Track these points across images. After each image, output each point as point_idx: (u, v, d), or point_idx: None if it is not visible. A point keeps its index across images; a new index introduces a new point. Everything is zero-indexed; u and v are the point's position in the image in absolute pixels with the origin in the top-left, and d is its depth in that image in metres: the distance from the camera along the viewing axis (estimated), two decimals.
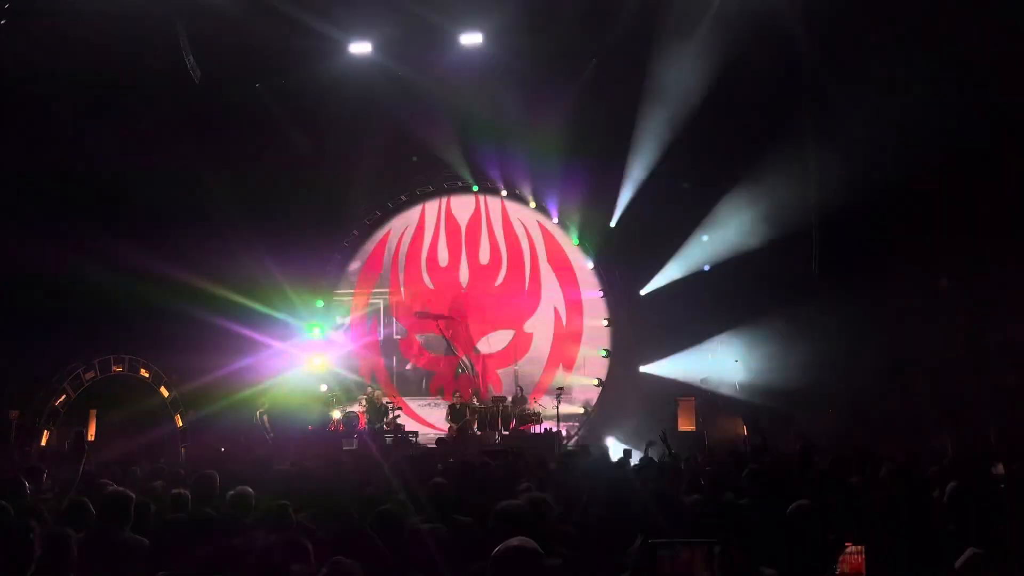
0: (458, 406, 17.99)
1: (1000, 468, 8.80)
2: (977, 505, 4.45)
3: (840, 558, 2.95)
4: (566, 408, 19.03)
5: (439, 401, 20.30)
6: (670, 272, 18.48)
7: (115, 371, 16.71)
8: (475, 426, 18.01)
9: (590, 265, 20.47)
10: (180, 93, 16.47)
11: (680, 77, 16.41)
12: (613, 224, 19.46)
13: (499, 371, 20.35)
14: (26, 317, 14.97)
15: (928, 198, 15.06)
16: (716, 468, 7.80)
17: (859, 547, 2.96)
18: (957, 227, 14.92)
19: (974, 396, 14.13)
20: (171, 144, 16.46)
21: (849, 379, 15.95)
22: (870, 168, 14.86)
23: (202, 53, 16.22)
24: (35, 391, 15.53)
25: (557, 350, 20.54)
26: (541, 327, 20.72)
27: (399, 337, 21.07)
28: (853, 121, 13.92)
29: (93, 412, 16.74)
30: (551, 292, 20.88)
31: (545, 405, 19.09)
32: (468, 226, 21.29)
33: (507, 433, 17.75)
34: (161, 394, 17.51)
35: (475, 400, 18.97)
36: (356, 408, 18.84)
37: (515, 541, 3.09)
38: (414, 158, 19.82)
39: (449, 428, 17.86)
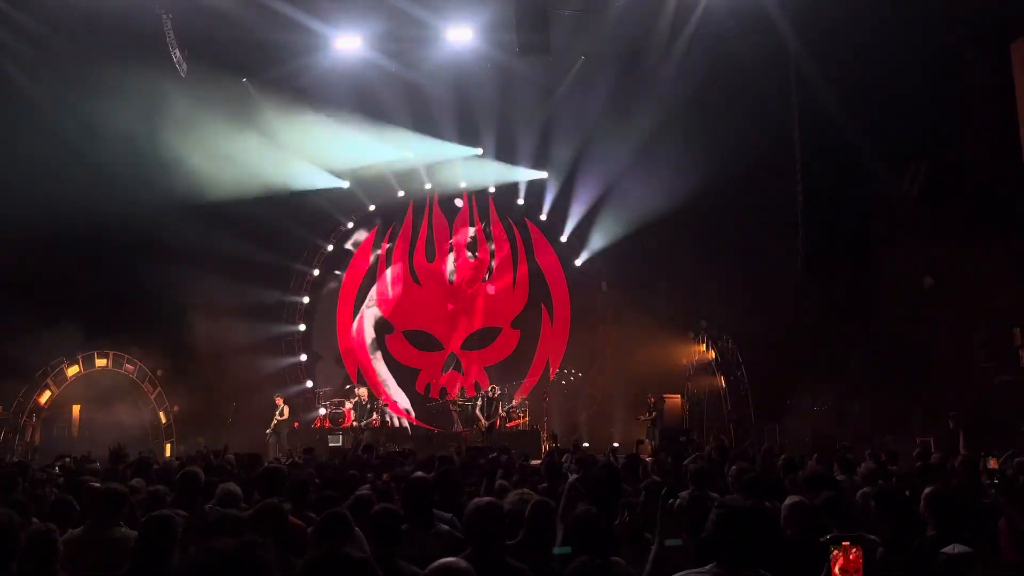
0: (493, 397, 17.88)
1: (992, 463, 8.86)
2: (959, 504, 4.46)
3: (835, 557, 2.93)
4: (552, 405, 19.06)
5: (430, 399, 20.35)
6: (657, 269, 18.53)
7: (99, 366, 16.60)
8: (501, 422, 17.87)
9: (578, 263, 20.49)
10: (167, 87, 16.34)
11: (668, 74, 16.44)
12: (602, 221, 19.52)
13: (485, 368, 20.35)
14: (9, 312, 14.84)
15: (913, 195, 15.14)
16: (700, 465, 7.80)
17: (856, 546, 2.93)
18: (941, 225, 15.02)
19: (959, 394, 14.23)
20: (160, 136, 16.35)
21: (833, 377, 16.05)
22: (855, 165, 14.93)
23: (188, 47, 16.12)
24: (19, 387, 15.40)
25: (544, 347, 20.56)
26: (528, 324, 20.74)
27: (386, 333, 21.01)
28: (840, 117, 13.97)
29: (77, 408, 16.65)
30: (538, 289, 20.89)
31: (531, 402, 19.11)
32: (456, 223, 21.27)
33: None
34: (145, 389, 17.43)
35: (461, 397, 18.95)
36: (344, 405, 18.79)
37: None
38: None
39: (479, 422, 17.71)
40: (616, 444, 15.93)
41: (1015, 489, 6.38)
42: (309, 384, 20.40)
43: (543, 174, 19.87)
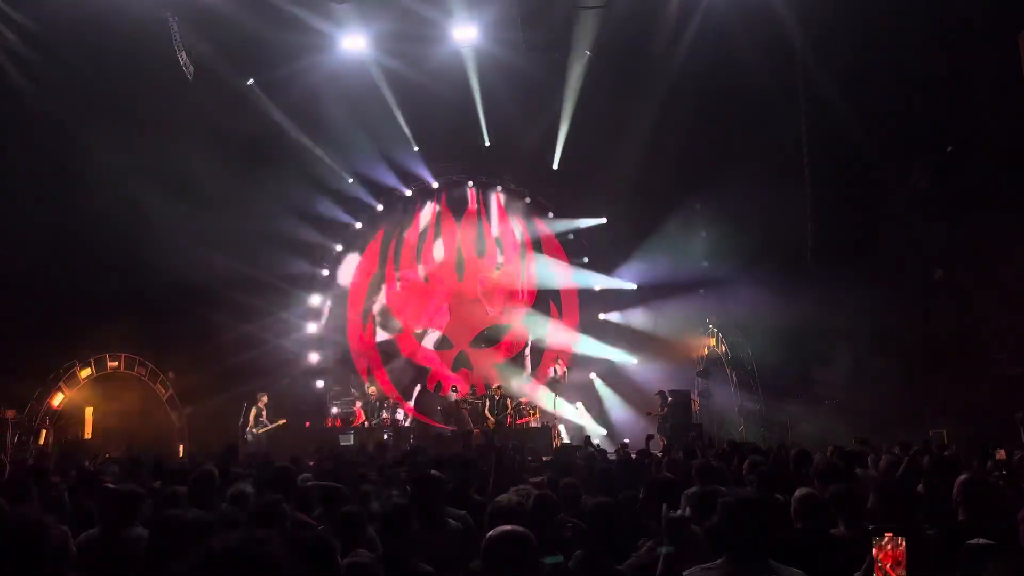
0: (497, 398, 17.90)
1: (1001, 454, 8.86)
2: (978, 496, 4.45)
3: (877, 549, 2.90)
4: (562, 402, 19.06)
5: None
6: (665, 265, 18.49)
7: (111, 368, 16.67)
8: (511, 419, 17.88)
9: (585, 258, 20.47)
10: (173, 88, 16.38)
11: (674, 69, 16.41)
12: (606, 217, 19.51)
13: (495, 365, 20.33)
14: (21, 315, 14.91)
15: (922, 188, 15.10)
16: (704, 460, 7.84)
17: (900, 537, 2.90)
18: (951, 217, 14.97)
19: (971, 386, 14.17)
20: (165, 138, 16.39)
21: (844, 370, 16.00)
22: (864, 158, 14.89)
23: (195, 48, 16.16)
24: (32, 390, 15.47)
25: (553, 343, 20.54)
26: (537, 321, 20.72)
27: (396, 332, 21.04)
28: (848, 110, 13.95)
29: (90, 410, 16.71)
30: (547, 286, 20.87)
31: (541, 399, 19.11)
32: (464, 220, 21.27)
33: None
34: (158, 391, 17.48)
35: (472, 395, 18.96)
36: (355, 404, 18.82)
37: (507, 527, 3.11)
38: None
39: (487, 421, 17.74)
40: (627, 440, 15.92)
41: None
42: (320, 384, 20.43)
43: (552, 170, 19.85)
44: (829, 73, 14.23)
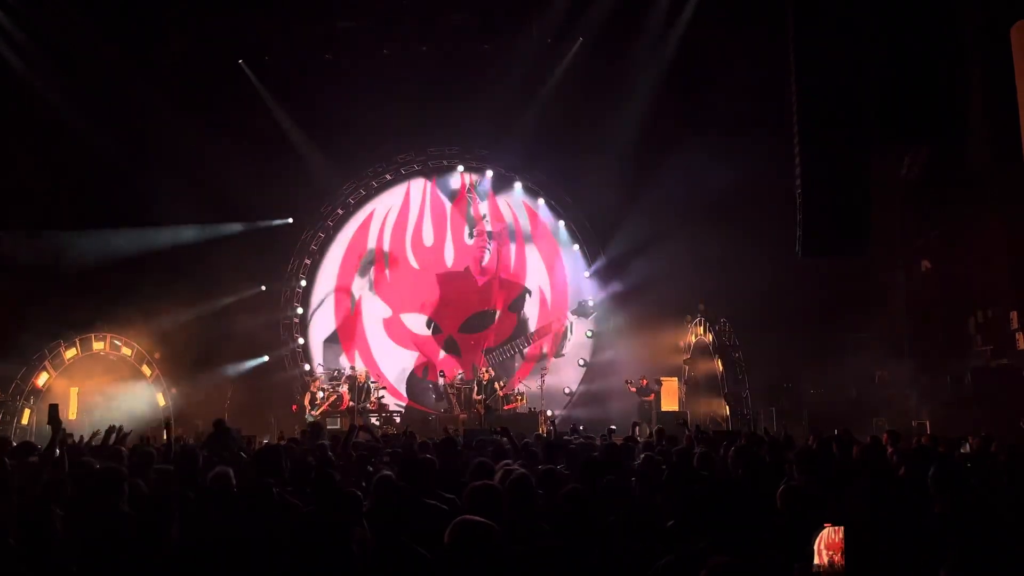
0: (484, 382, 17.90)
1: (968, 447, 8.95)
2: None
3: (819, 539, 2.96)
4: (550, 388, 19.09)
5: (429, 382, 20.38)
6: (656, 254, 18.47)
7: (96, 349, 16.57)
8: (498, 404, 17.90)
9: (576, 246, 20.47)
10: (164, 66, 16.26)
11: (665, 55, 16.39)
12: (601, 206, 19.48)
13: (484, 351, 20.33)
14: (6, 294, 14.81)
15: (912, 179, 15.15)
16: (686, 446, 7.91)
17: (838, 528, 2.98)
18: (939, 208, 15.04)
19: (953, 378, 14.28)
20: (154, 119, 16.28)
21: (830, 360, 16.09)
22: (854, 148, 14.85)
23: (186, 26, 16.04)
24: (15, 370, 15.37)
25: (541, 330, 20.55)
26: (526, 307, 20.73)
27: (384, 317, 20.98)
28: (839, 101, 13.93)
29: (75, 390, 16.62)
30: (536, 272, 20.87)
31: (529, 385, 19.15)
32: (454, 206, 21.20)
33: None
34: (143, 372, 17.40)
35: (459, 380, 18.95)
36: (341, 388, 18.78)
37: (469, 518, 3.12)
38: None
39: (476, 406, 17.75)
40: (613, 427, 15.93)
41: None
42: (307, 367, 20.39)
43: (542, 158, 19.79)
44: (821, 64, 14.20)
